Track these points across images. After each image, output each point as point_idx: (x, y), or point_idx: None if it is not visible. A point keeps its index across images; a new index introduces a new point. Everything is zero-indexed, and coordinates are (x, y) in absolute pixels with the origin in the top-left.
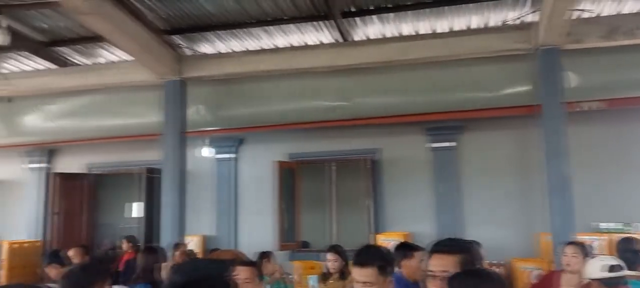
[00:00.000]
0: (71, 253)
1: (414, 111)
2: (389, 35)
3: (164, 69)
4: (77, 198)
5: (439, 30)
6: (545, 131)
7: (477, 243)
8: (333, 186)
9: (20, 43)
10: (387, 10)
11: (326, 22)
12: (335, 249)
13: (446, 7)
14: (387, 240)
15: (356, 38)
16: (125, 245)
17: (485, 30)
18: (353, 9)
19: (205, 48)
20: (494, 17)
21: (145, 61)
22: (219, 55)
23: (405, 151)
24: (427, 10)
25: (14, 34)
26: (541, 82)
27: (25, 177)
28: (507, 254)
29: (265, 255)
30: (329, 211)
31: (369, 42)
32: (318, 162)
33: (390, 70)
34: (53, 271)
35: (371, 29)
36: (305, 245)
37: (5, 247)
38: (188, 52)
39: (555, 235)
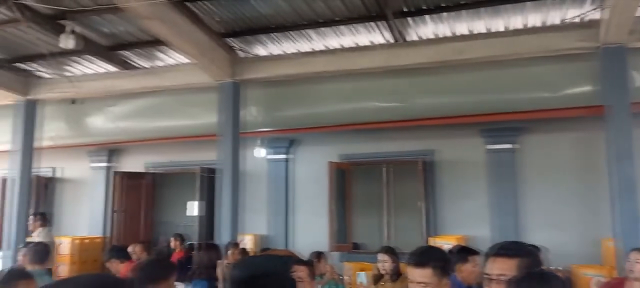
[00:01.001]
0: (132, 249)
1: (469, 112)
2: (443, 35)
3: (220, 71)
4: (137, 197)
5: (495, 30)
6: (610, 133)
7: (538, 248)
8: (386, 188)
9: (86, 47)
10: (442, 9)
11: (379, 22)
12: (387, 250)
13: (503, 6)
14: (442, 244)
15: (409, 38)
16: (174, 244)
17: (545, 28)
18: (406, 9)
19: (260, 50)
20: (554, 15)
21: (202, 64)
22: (273, 57)
23: (461, 153)
24: (483, 9)
25: (81, 38)
26: (605, 81)
27: (89, 176)
28: (568, 260)
29: (317, 256)
30: (382, 213)
31: (422, 42)
32: (371, 163)
33: (444, 71)
34: (115, 266)
35: (425, 29)
36: (357, 246)
37: (71, 242)
38: (243, 54)
39: (620, 241)
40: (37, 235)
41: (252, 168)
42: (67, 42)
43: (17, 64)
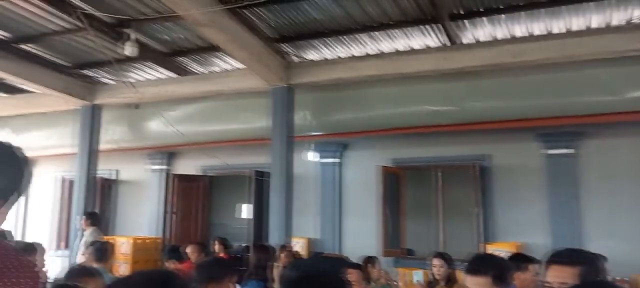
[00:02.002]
0: (189, 249)
1: (527, 116)
2: (500, 37)
3: (273, 76)
4: (192, 199)
5: (555, 31)
6: None
7: (599, 256)
8: (439, 193)
9: (145, 54)
10: (498, 11)
11: (433, 25)
12: (442, 255)
13: (563, 7)
14: (498, 251)
15: (465, 41)
16: (217, 247)
17: (608, 30)
18: (461, 12)
19: (312, 55)
20: (618, 16)
21: (255, 69)
22: (325, 62)
23: (517, 158)
24: (542, 10)
25: (140, 46)
26: None
27: (147, 178)
28: (629, 270)
29: (370, 260)
30: (435, 218)
31: (478, 44)
32: (423, 168)
33: (501, 74)
34: (172, 265)
35: (481, 31)
36: (409, 252)
37: (130, 242)
38: (295, 59)
39: None
40: (88, 235)
41: (304, 172)
42: (128, 49)
43: (82, 71)
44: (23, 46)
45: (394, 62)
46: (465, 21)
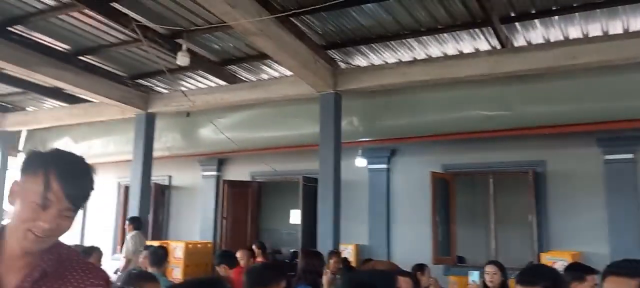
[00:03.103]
0: (239, 254)
1: (583, 120)
2: (554, 39)
3: (321, 83)
4: (243, 204)
5: (612, 32)
6: None
7: None
8: (491, 199)
9: (197, 63)
10: (551, 13)
11: (484, 29)
12: (495, 263)
13: (621, 7)
14: (553, 260)
15: (517, 44)
16: (255, 251)
17: None
18: (513, 14)
19: (359, 61)
20: None
21: (303, 76)
22: (374, 67)
23: (574, 163)
24: (598, 11)
25: (192, 55)
26: None
27: (200, 184)
28: None
29: (420, 268)
30: (487, 226)
31: (531, 47)
32: (475, 174)
33: (555, 77)
34: (224, 270)
35: (534, 33)
36: (461, 260)
37: (183, 247)
38: (343, 65)
39: None
40: (130, 238)
41: (353, 178)
42: (181, 59)
43: (137, 80)
44: (83, 58)
45: (443, 66)
46: (517, 24)
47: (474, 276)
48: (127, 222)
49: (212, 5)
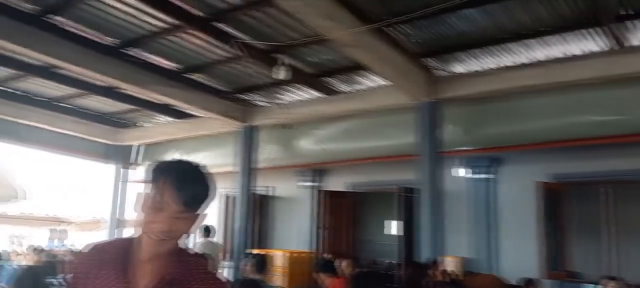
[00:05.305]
0: (343, 264)
1: None
2: None
3: (418, 91)
4: (340, 215)
5: None
6: None
7: None
8: (610, 211)
9: (296, 77)
10: None
11: (592, 29)
12: (613, 278)
13: None
14: None
15: (628, 44)
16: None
17: None
18: (630, 12)
19: (458, 68)
20: None
21: (400, 85)
22: (472, 74)
23: None
24: None
25: (292, 69)
26: None
27: (298, 194)
28: None
29: (531, 283)
30: (605, 239)
31: None
32: (590, 184)
33: None
34: (323, 279)
35: None
36: (574, 275)
37: (286, 255)
38: (441, 73)
39: None
40: (199, 245)
41: (453, 189)
42: (280, 73)
43: (240, 95)
44: (190, 75)
45: (551, 70)
46: (630, 23)
47: None
48: (198, 230)
49: (310, 19)
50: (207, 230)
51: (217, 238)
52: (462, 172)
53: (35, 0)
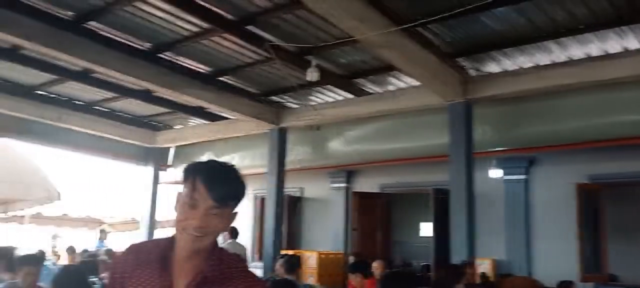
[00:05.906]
0: (375, 265)
1: None
2: None
3: (449, 92)
4: (372, 216)
5: None
6: None
7: None
8: None
9: (326, 78)
10: None
11: (632, 26)
12: None
13: None
14: None
15: None
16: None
17: None
18: None
19: (491, 67)
20: None
21: (431, 86)
22: (507, 74)
23: None
24: None
25: (321, 70)
26: None
27: (330, 195)
28: None
29: (566, 285)
30: None
31: None
32: (628, 185)
33: None
34: (357, 280)
35: None
36: (613, 278)
37: (316, 256)
38: (473, 72)
39: None
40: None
41: (487, 190)
42: (311, 75)
43: (270, 97)
44: (221, 78)
45: (587, 68)
46: None
47: None
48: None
49: (341, 21)
50: (234, 232)
51: (249, 238)
52: (495, 173)
53: (72, 7)
